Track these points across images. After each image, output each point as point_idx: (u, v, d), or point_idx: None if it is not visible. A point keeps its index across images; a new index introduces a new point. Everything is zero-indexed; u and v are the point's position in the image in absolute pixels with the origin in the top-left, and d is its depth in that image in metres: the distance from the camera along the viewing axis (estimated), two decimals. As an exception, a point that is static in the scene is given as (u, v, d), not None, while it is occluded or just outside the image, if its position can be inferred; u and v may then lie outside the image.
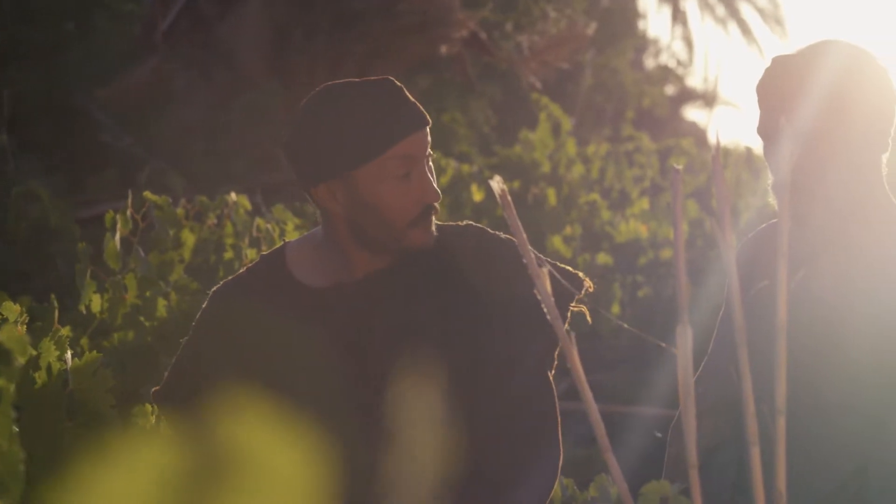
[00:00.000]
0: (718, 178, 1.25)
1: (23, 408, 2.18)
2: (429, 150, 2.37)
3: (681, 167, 1.25)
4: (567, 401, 6.70)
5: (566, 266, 2.52)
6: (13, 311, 2.35)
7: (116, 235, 4.13)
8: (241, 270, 2.53)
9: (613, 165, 11.45)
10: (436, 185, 2.37)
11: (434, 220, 2.38)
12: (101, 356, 2.34)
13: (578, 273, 2.50)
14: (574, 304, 2.47)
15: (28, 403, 2.20)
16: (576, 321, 2.57)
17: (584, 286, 2.48)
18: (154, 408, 2.56)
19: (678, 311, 1.22)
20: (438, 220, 2.43)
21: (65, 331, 2.95)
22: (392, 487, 2.29)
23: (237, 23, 11.58)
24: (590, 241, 9.63)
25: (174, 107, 11.42)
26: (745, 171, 13.89)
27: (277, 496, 0.73)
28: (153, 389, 2.53)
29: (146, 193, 4.44)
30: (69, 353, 2.33)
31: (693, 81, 32.85)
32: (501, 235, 2.49)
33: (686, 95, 27.83)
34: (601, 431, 1.26)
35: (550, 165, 10.04)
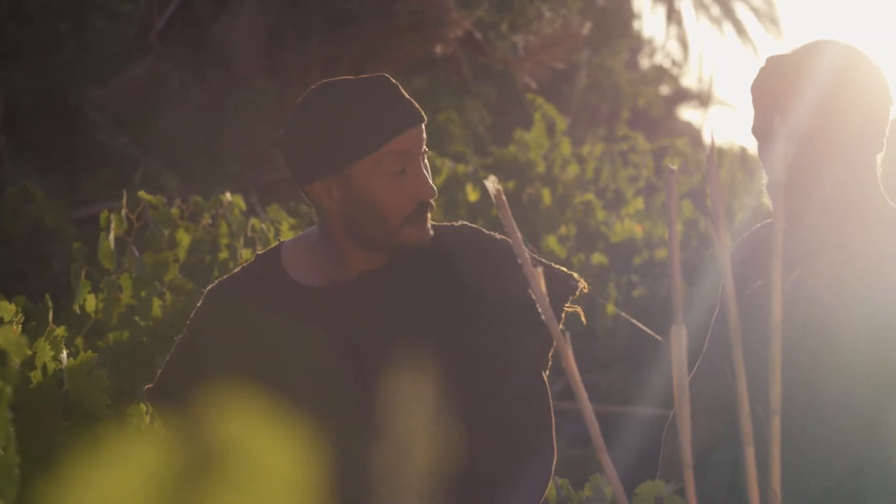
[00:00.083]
0: (713, 178, 1.25)
1: (18, 408, 2.18)
2: (424, 147, 2.37)
3: (675, 167, 1.25)
4: (562, 400, 6.71)
5: (561, 267, 2.52)
6: (8, 311, 2.35)
7: (111, 235, 4.12)
8: (237, 269, 2.53)
9: (608, 165, 11.45)
10: (431, 182, 2.37)
11: (429, 219, 2.38)
12: (96, 356, 2.34)
13: (573, 274, 2.49)
14: (569, 305, 2.47)
15: (23, 403, 2.20)
16: (570, 321, 2.57)
17: (579, 287, 2.48)
18: (148, 407, 2.56)
19: (673, 311, 1.22)
20: (433, 221, 2.43)
21: (60, 330, 2.95)
22: (387, 485, 2.29)
23: (232, 23, 11.57)
24: (585, 241, 9.63)
25: (169, 107, 11.41)
26: (740, 171, 13.90)
27: (272, 494, 0.73)
28: (146, 387, 2.52)
29: (141, 193, 4.44)
30: (64, 353, 2.33)
31: (688, 81, 32.87)
32: (496, 235, 2.49)
33: (681, 95, 27.82)
34: (596, 431, 1.26)
35: (545, 165, 10.04)
